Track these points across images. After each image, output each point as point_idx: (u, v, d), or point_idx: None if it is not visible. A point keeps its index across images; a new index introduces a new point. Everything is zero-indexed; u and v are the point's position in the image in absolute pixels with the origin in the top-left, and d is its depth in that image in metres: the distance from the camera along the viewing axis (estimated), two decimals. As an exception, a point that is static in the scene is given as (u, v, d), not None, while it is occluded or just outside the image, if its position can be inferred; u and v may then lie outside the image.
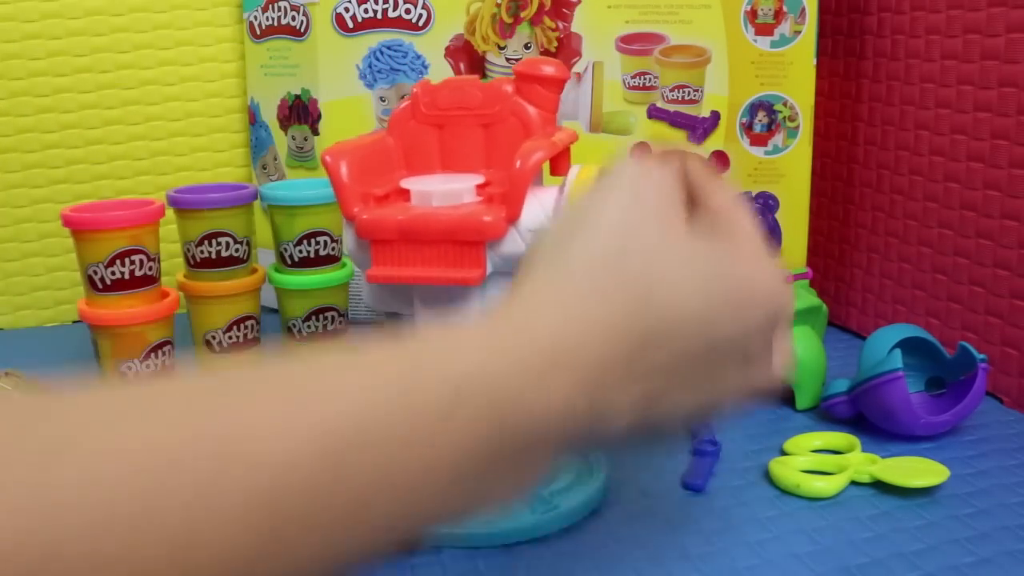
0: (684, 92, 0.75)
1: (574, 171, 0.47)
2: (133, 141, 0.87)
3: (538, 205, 0.46)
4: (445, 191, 0.47)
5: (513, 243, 0.46)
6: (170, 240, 0.71)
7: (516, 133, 0.49)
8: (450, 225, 0.45)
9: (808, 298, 0.64)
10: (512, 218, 0.46)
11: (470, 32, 0.76)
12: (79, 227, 0.63)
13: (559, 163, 0.52)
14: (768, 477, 0.54)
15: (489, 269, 0.46)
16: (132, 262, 0.63)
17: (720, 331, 0.33)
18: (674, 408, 0.34)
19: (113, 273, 0.63)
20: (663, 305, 0.32)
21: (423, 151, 0.51)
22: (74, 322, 0.87)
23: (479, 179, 0.49)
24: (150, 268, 0.64)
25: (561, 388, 0.30)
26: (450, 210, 0.46)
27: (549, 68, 0.50)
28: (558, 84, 0.50)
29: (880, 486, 0.52)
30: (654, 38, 0.75)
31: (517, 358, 0.30)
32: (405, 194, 0.48)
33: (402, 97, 0.76)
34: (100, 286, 0.63)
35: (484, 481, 0.29)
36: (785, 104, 0.75)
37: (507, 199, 0.46)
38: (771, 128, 0.75)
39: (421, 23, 0.76)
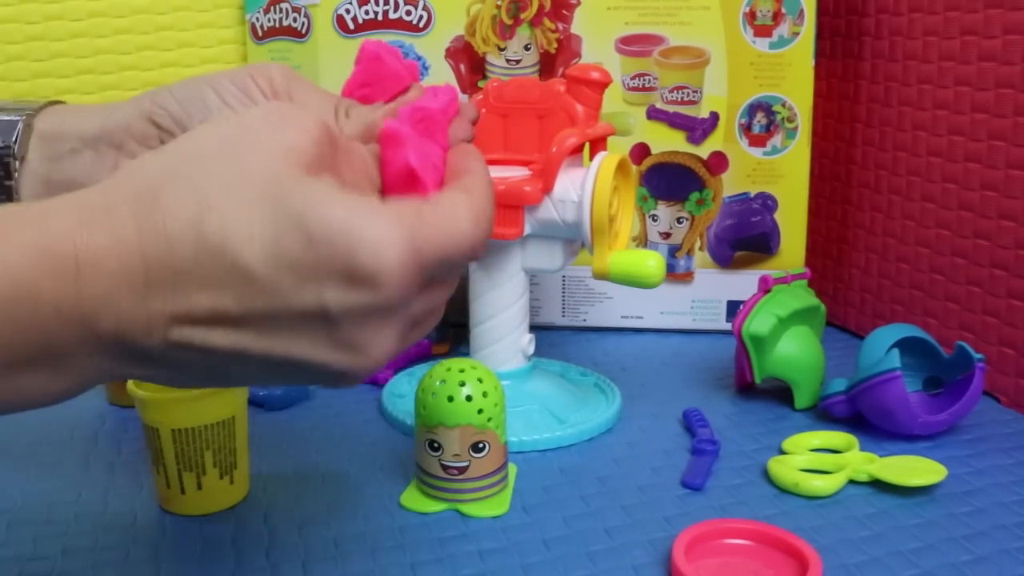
0: (683, 93, 0.76)
1: (600, 156, 0.56)
2: (135, 142, 0.87)
3: (568, 181, 0.56)
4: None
5: (547, 210, 0.57)
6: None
7: (564, 124, 0.59)
8: (497, 192, 0.55)
9: (807, 298, 0.64)
10: (547, 190, 0.56)
11: (470, 33, 0.76)
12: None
13: (597, 149, 0.61)
14: (767, 476, 0.54)
15: (527, 231, 0.57)
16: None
17: (284, 297, 0.28)
18: (231, 355, 0.30)
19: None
20: (205, 238, 0.28)
21: (491, 135, 0.62)
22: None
23: (527, 172, 0.58)
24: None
25: (65, 289, 0.28)
26: (499, 181, 0.56)
27: (595, 73, 0.59)
28: (601, 87, 0.59)
29: (878, 485, 0.53)
30: (653, 39, 0.75)
31: (35, 252, 0.27)
32: None
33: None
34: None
35: (10, 370, 0.28)
36: (784, 105, 0.75)
37: (543, 175, 0.56)
38: (770, 129, 0.76)
39: (422, 24, 0.76)
